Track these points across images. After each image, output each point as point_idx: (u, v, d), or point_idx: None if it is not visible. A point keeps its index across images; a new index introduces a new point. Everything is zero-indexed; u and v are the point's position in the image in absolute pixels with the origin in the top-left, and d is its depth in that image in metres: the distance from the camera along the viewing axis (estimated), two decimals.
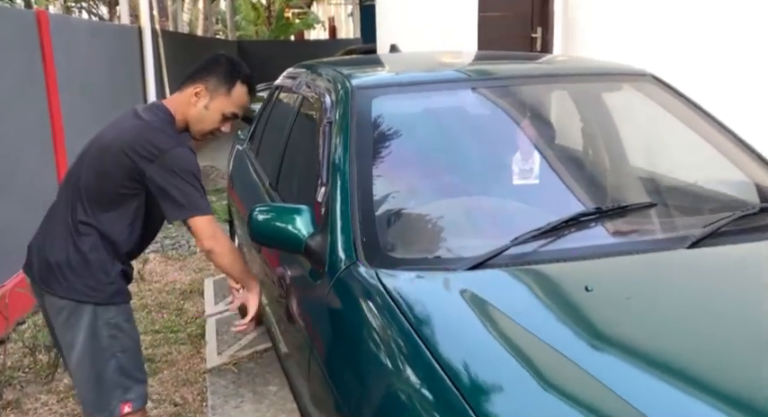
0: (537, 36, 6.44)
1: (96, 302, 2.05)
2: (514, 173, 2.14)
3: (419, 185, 2.05)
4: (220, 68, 2.11)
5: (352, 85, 2.25)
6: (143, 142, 1.98)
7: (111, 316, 2.06)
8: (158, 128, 2.03)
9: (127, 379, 2.09)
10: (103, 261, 2.05)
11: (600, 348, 1.37)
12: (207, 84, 2.10)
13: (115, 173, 2.01)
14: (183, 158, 2.00)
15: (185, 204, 1.98)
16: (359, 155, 2.01)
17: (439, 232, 1.87)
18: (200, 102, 2.09)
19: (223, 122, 2.14)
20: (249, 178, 3.24)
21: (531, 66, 2.65)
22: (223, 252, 2.06)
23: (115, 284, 2.08)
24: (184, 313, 4.05)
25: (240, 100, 2.13)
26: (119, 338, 2.08)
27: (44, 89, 4.60)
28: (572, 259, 1.68)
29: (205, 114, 2.10)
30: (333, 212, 1.91)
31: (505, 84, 2.37)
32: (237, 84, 2.12)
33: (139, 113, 2.09)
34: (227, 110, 2.12)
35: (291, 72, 3.24)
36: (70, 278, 2.03)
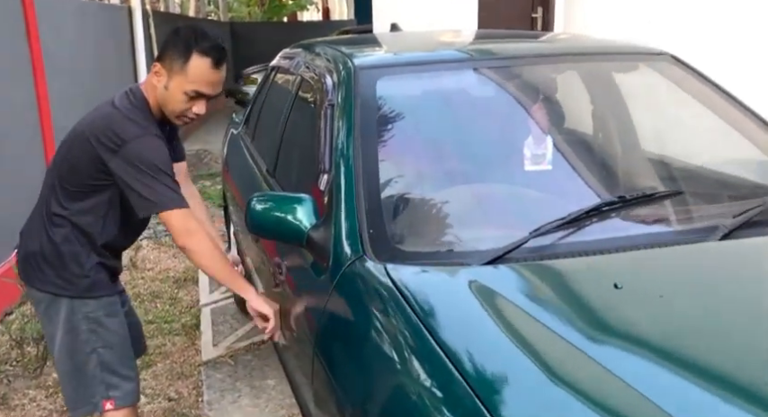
0: (537, 16, 6.28)
1: (71, 295, 1.95)
2: (526, 159, 2.02)
3: (428, 172, 1.92)
4: (177, 41, 1.87)
5: (354, 65, 2.11)
6: (107, 131, 1.84)
7: (89, 310, 1.96)
8: (126, 115, 1.87)
9: (110, 376, 1.98)
10: (76, 254, 1.94)
11: (633, 351, 1.26)
12: (163, 60, 1.88)
13: (82, 162, 1.89)
14: (144, 149, 1.82)
15: (151, 199, 1.82)
16: (363, 140, 1.88)
17: (451, 222, 1.75)
18: (160, 82, 1.88)
19: (191, 102, 1.88)
20: (245, 163, 3.11)
21: (542, 45, 2.51)
22: (200, 250, 1.87)
23: (90, 277, 1.96)
24: (178, 302, 3.93)
25: (199, 75, 1.84)
26: (99, 333, 1.97)
27: (30, 71, 4.43)
28: (596, 252, 1.55)
29: (167, 95, 1.88)
30: (336, 201, 1.78)
31: (516, 64, 2.23)
32: (193, 57, 1.84)
33: (114, 98, 1.94)
34: (188, 89, 1.85)
35: (288, 52, 3.08)
36: (45, 270, 1.95)
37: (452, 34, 2.93)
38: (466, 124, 2.07)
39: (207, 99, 1.91)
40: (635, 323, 1.31)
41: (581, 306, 1.40)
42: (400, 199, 1.80)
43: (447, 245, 1.68)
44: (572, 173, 2.02)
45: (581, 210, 1.65)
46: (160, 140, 1.89)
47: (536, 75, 2.26)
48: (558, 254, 1.57)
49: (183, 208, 1.85)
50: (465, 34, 2.95)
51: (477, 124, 2.07)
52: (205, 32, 1.89)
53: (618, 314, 1.35)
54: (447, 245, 1.68)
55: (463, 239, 1.68)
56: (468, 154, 1.97)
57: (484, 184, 1.91)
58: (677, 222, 1.74)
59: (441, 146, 2.00)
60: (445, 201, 1.82)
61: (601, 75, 2.41)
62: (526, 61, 2.26)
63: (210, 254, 1.89)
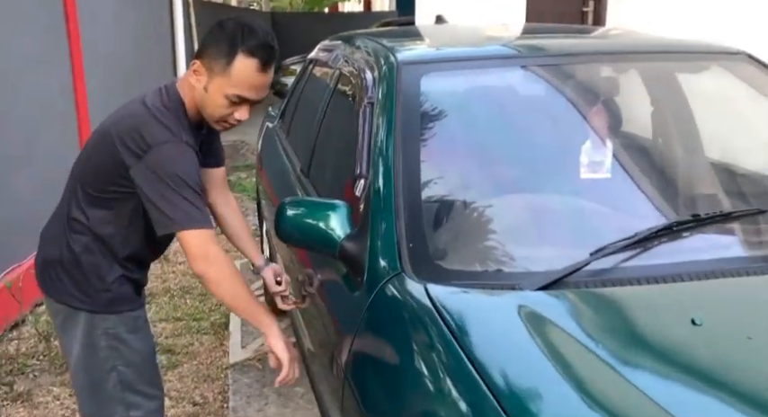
0: (588, 10, 6.01)
1: (91, 310, 1.76)
2: (583, 166, 1.83)
3: (475, 180, 1.74)
4: (221, 37, 1.62)
5: (397, 60, 1.94)
6: (133, 133, 1.62)
7: (109, 326, 1.77)
8: (155, 116, 1.64)
9: (131, 394, 1.81)
10: (97, 265, 1.74)
11: (713, 406, 1.07)
12: (203, 58, 1.64)
13: (106, 165, 1.67)
14: (168, 157, 1.59)
15: (169, 214, 1.59)
16: (405, 143, 1.71)
17: (500, 238, 1.57)
18: (199, 82, 1.65)
19: (232, 107, 1.65)
20: (279, 160, 2.97)
21: (602, 41, 2.30)
22: (219, 279, 1.63)
23: (111, 292, 1.76)
24: (208, 299, 3.83)
25: (244, 79, 1.61)
26: (119, 350, 1.78)
27: (68, 59, 4.37)
28: (668, 280, 1.36)
29: (206, 98, 1.65)
30: (373, 210, 1.62)
31: (574, 63, 2.03)
32: (239, 57, 1.59)
33: (146, 95, 1.72)
34: (230, 93, 1.62)
35: (327, 44, 2.93)
36: (64, 280, 1.76)
37: (501, 28, 2.73)
38: (517, 127, 1.89)
39: (251, 104, 1.67)
40: (718, 369, 1.12)
41: (652, 345, 1.21)
42: (443, 210, 1.63)
43: (495, 264, 1.50)
44: (634, 183, 1.82)
45: (650, 229, 1.46)
46: (190, 148, 1.66)
47: (596, 75, 2.06)
48: (623, 280, 1.38)
49: (204, 230, 1.61)
50: (514, 28, 2.75)
51: (530, 127, 1.89)
52: (253, 28, 1.63)
53: (697, 357, 1.17)
54: (495, 264, 1.50)
55: (514, 258, 1.51)
56: (519, 160, 1.79)
57: (537, 194, 1.72)
58: (761, 245, 1.53)
59: (489, 152, 1.82)
60: (494, 213, 1.64)
61: (669, 75, 2.20)
62: (585, 59, 2.06)
63: (229, 285, 1.65)
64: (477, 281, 1.41)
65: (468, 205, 1.65)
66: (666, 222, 1.48)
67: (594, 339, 1.21)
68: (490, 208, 1.65)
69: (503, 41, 2.32)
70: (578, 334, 1.21)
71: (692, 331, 1.20)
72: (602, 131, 1.98)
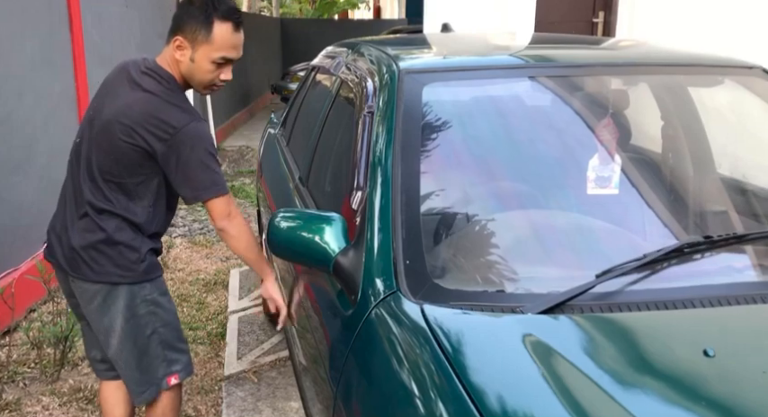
0: (599, 20, 5.94)
1: (131, 282, 1.94)
2: (590, 181, 1.76)
3: (477, 195, 1.67)
4: (194, 11, 1.84)
5: (399, 68, 1.88)
6: (153, 119, 1.82)
7: (147, 293, 1.97)
8: (167, 100, 1.85)
9: (171, 352, 2.02)
10: (132, 240, 1.93)
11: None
12: (184, 32, 1.85)
13: (128, 153, 1.85)
14: (197, 135, 1.83)
15: (202, 185, 1.85)
16: (405, 155, 1.64)
17: (502, 257, 1.50)
18: (184, 55, 1.87)
19: (218, 70, 1.88)
20: (278, 168, 2.91)
21: (612, 52, 2.23)
22: (237, 234, 1.94)
23: (146, 261, 1.96)
24: (206, 307, 3.76)
25: (225, 41, 1.84)
26: (158, 313, 1.99)
27: (71, 61, 4.33)
28: (678, 305, 1.29)
29: (194, 67, 1.87)
30: (370, 224, 1.55)
31: (583, 74, 1.96)
32: (216, 23, 1.83)
33: (137, 81, 1.87)
34: (215, 56, 1.85)
35: (330, 51, 2.87)
36: (100, 260, 1.92)
37: (508, 37, 2.67)
38: (521, 140, 1.82)
39: (230, 64, 1.90)
40: (731, 406, 1.04)
41: (661, 377, 1.13)
42: (443, 226, 1.56)
43: (496, 285, 1.43)
44: (643, 200, 1.75)
45: (659, 251, 1.38)
46: (204, 122, 1.89)
47: (605, 88, 1.98)
48: (631, 304, 1.30)
49: (226, 195, 1.90)
50: (522, 37, 2.68)
51: (535, 140, 1.82)
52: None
53: (708, 392, 1.09)
54: (496, 285, 1.43)
55: (516, 278, 1.43)
56: (523, 174, 1.72)
57: (541, 211, 1.65)
58: None
59: (492, 165, 1.75)
60: (496, 230, 1.57)
61: (681, 89, 2.12)
62: (594, 71, 1.99)
63: (246, 239, 1.96)
64: (476, 302, 1.34)
65: (469, 221, 1.58)
66: (677, 243, 1.40)
67: (599, 368, 1.13)
68: (492, 224, 1.58)
69: (509, 51, 2.25)
70: (582, 363, 1.13)
71: (704, 363, 1.12)
72: (611, 146, 1.91)
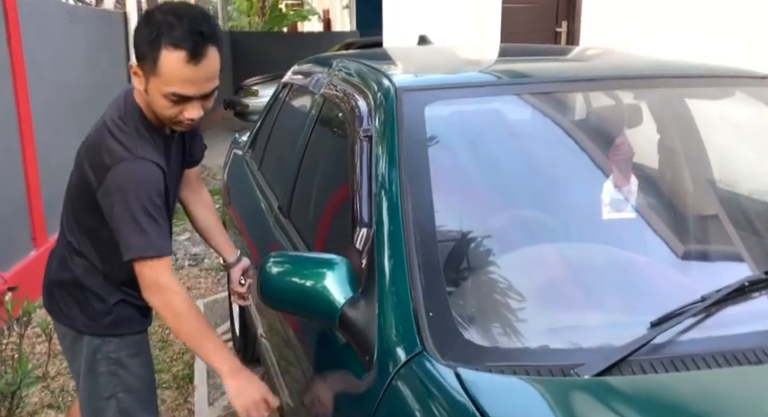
0: (562, 30, 5.89)
1: (93, 333, 1.71)
2: (605, 205, 1.59)
3: (502, 229, 1.47)
4: (145, 33, 1.47)
5: (395, 86, 1.67)
6: (95, 154, 1.56)
7: (111, 350, 1.71)
8: (111, 133, 1.55)
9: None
10: (98, 287, 1.69)
11: None
12: (137, 58, 1.51)
13: (84, 191, 1.60)
14: (123, 178, 1.50)
15: (125, 241, 1.52)
16: (414, 184, 1.44)
17: (539, 302, 1.30)
18: (139, 83, 1.54)
19: (178, 107, 1.50)
20: (251, 195, 2.66)
21: (621, 65, 2.07)
22: (163, 312, 1.55)
23: (113, 314, 1.70)
24: (169, 345, 3.46)
25: (175, 75, 1.44)
26: (120, 376, 1.71)
27: (9, 78, 3.98)
28: (749, 357, 1.11)
29: (150, 100, 1.54)
30: (380, 268, 1.34)
31: (595, 89, 1.80)
32: (163, 51, 1.43)
33: (108, 110, 1.63)
34: (166, 91, 1.47)
35: (304, 68, 2.65)
36: (69, 302, 1.73)
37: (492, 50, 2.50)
38: (540, 163, 1.63)
39: (199, 100, 1.51)
40: None
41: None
42: (467, 267, 1.36)
43: (538, 338, 1.22)
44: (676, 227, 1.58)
45: (720, 291, 1.21)
46: (147, 162, 1.54)
47: (619, 103, 1.83)
48: (697, 356, 1.12)
49: (158, 259, 1.52)
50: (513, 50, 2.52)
51: (554, 162, 1.64)
52: (180, 14, 1.45)
53: None
54: (538, 338, 1.22)
55: (559, 327, 1.24)
56: (546, 201, 1.53)
57: (572, 244, 1.47)
58: None
59: (513, 193, 1.55)
60: (527, 270, 1.37)
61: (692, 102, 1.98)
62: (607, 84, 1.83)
63: (177, 321, 1.54)
64: (518, 363, 1.14)
65: (496, 260, 1.38)
66: (739, 281, 1.23)
67: None
68: (521, 263, 1.38)
69: (506, 65, 2.07)
70: None
71: None
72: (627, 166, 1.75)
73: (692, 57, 2.27)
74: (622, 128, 1.81)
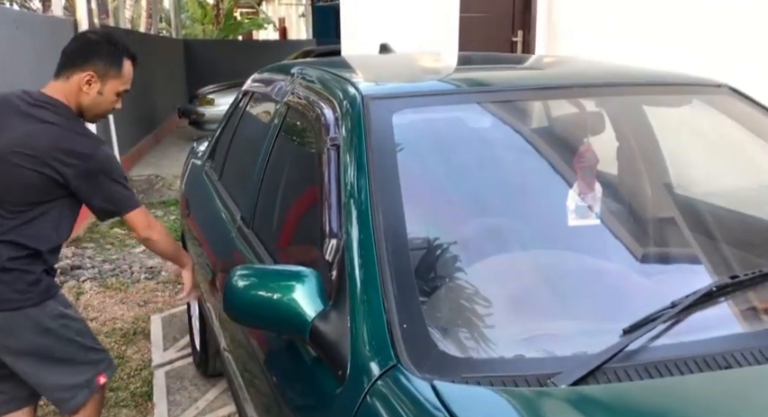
0: (518, 39, 5.98)
1: (33, 303, 1.99)
2: (570, 211, 1.60)
3: (474, 237, 1.46)
4: (104, 49, 2.03)
5: (362, 95, 1.66)
6: (61, 150, 1.92)
7: (52, 309, 2.04)
8: (73, 129, 1.98)
9: (93, 353, 2.15)
10: (27, 265, 1.97)
11: None
12: (95, 68, 2.01)
13: (38, 183, 1.92)
14: (106, 158, 2.00)
15: (117, 203, 2.02)
16: (384, 193, 1.42)
17: (513, 310, 1.29)
18: (92, 88, 2.02)
19: (117, 101, 2.10)
20: (211, 206, 2.60)
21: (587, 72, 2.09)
22: (159, 238, 2.14)
23: (43, 281, 2.02)
24: (126, 362, 3.35)
25: (130, 75, 2.09)
26: (68, 325, 2.08)
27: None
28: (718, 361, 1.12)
29: (101, 100, 2.05)
30: (351, 279, 1.31)
31: (560, 96, 1.82)
32: (125, 61, 2.06)
33: (29, 112, 1.96)
34: (121, 89, 2.09)
35: (265, 75, 2.61)
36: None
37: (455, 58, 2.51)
38: (509, 170, 1.63)
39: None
40: None
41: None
42: (440, 276, 1.35)
43: (513, 347, 1.21)
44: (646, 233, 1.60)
45: (689, 296, 1.22)
46: (108, 146, 2.05)
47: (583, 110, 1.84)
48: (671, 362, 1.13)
49: (140, 208, 2.07)
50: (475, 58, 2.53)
51: (523, 170, 1.64)
52: (118, 37, 2.11)
53: None
54: (513, 347, 1.21)
55: (534, 336, 1.23)
56: (517, 209, 1.53)
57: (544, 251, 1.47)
58: None
59: (483, 201, 1.55)
60: (501, 278, 1.36)
61: (650, 110, 2.02)
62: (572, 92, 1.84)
63: (166, 239, 2.18)
64: (494, 374, 1.12)
65: (470, 269, 1.37)
66: (707, 286, 1.24)
67: None
68: (494, 271, 1.38)
69: (474, 73, 2.08)
70: None
71: None
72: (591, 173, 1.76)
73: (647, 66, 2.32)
74: (586, 135, 1.83)
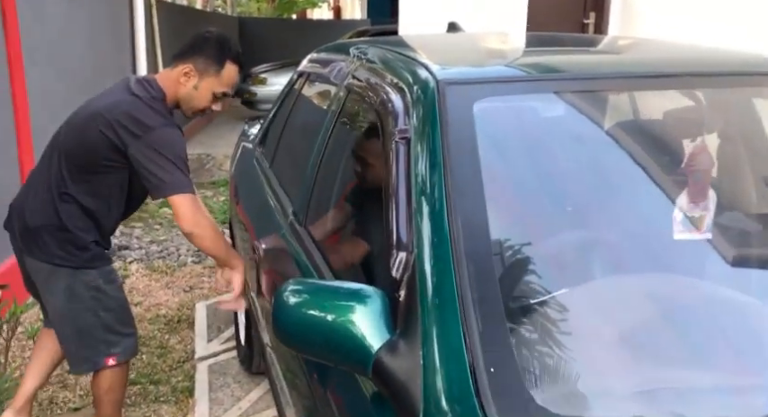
0: (590, 22, 5.59)
1: (72, 266, 2.07)
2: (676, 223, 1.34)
3: (572, 250, 1.20)
4: (210, 47, 2.06)
5: (436, 79, 1.41)
6: (131, 117, 1.97)
7: (90, 279, 2.10)
8: (148, 104, 2.02)
9: (111, 335, 2.15)
10: (80, 230, 2.06)
11: None
12: (196, 63, 2.05)
13: (100, 144, 1.99)
14: (168, 137, 1.99)
15: (167, 181, 1.96)
16: (465, 197, 1.18)
17: (635, 355, 1.04)
18: (189, 82, 2.07)
19: (214, 101, 2.12)
20: (261, 195, 2.40)
21: (692, 58, 1.78)
22: (204, 234, 2.01)
23: (90, 251, 2.10)
24: (169, 353, 3.21)
25: (230, 80, 2.09)
26: (100, 299, 2.12)
27: (5, 63, 3.72)
28: None
29: (195, 94, 2.08)
30: (424, 305, 1.08)
31: (674, 86, 1.53)
32: (227, 63, 2.07)
33: (131, 87, 2.06)
34: (218, 91, 2.10)
35: (322, 56, 2.38)
36: (48, 242, 2.07)
37: (545, 39, 2.22)
38: (614, 173, 1.37)
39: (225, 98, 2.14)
40: None
41: None
42: (537, 307, 1.10)
43: (633, 404, 0.96)
44: None
45: None
46: (179, 131, 2.03)
47: (700, 102, 1.55)
48: None
49: (191, 194, 1.98)
50: (565, 39, 2.23)
51: (632, 174, 1.37)
52: (231, 39, 2.12)
53: None
54: (633, 404, 0.96)
55: (661, 389, 0.97)
56: (628, 221, 1.27)
57: (662, 275, 1.20)
58: None
59: (583, 208, 1.29)
60: (616, 309, 1.10)
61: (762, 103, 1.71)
62: (686, 82, 1.55)
63: (213, 237, 2.03)
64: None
65: (576, 296, 1.12)
66: None
67: None
68: (610, 300, 1.12)
69: (571, 56, 1.79)
70: None
71: None
72: (705, 178, 1.48)
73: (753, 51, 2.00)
74: (701, 133, 1.54)
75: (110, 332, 2.13)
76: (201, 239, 1.99)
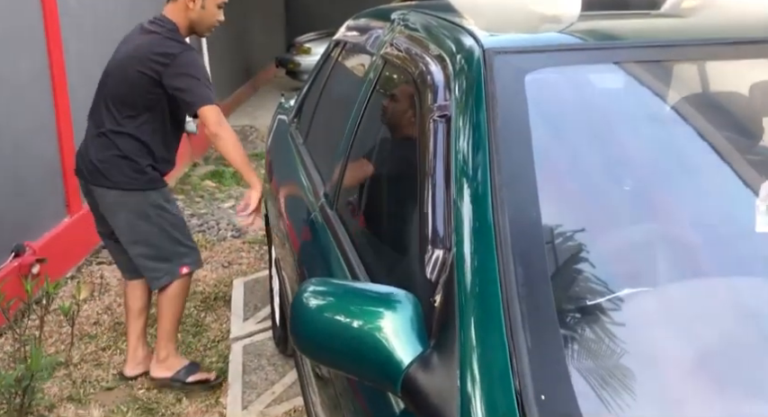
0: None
1: (138, 188, 2.40)
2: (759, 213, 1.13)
3: (641, 248, 1.02)
4: None
5: (482, 47, 1.23)
6: (156, 51, 2.31)
7: (153, 199, 2.43)
8: (167, 36, 2.34)
9: (181, 247, 2.47)
10: (136, 156, 2.38)
11: None
12: None
13: (139, 81, 2.32)
14: (190, 58, 2.35)
15: (197, 97, 2.29)
16: (514, 185, 1.01)
17: (714, 379, 0.86)
18: (196, 4, 2.36)
19: (219, 12, 2.43)
20: (294, 172, 2.26)
21: None
22: (227, 138, 2.34)
23: (148, 174, 2.41)
24: (204, 331, 3.15)
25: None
26: (164, 216, 2.44)
27: (42, 34, 3.66)
28: None
29: (204, 14, 2.39)
30: (464, 313, 0.92)
31: (756, 54, 1.31)
32: None
33: (146, 27, 2.40)
34: (220, 1, 2.40)
35: (359, 23, 2.21)
36: (113, 170, 2.39)
37: (604, 2, 1.99)
38: (691, 156, 1.17)
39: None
40: None
41: None
42: (597, 314, 0.93)
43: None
44: None
45: None
46: (198, 55, 2.38)
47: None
48: None
49: (216, 105, 2.31)
50: (619, 1, 1.99)
51: (711, 158, 1.17)
52: None
53: None
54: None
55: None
56: (707, 213, 1.08)
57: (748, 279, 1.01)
58: None
59: (652, 198, 1.10)
60: (688, 320, 0.93)
61: None
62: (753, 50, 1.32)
63: (233, 142, 2.37)
64: None
65: (644, 305, 0.94)
66: None
67: None
68: (685, 311, 0.94)
69: (638, 20, 1.57)
70: None
71: None
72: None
73: None
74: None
75: (179, 245, 2.46)
76: (225, 142, 2.30)
